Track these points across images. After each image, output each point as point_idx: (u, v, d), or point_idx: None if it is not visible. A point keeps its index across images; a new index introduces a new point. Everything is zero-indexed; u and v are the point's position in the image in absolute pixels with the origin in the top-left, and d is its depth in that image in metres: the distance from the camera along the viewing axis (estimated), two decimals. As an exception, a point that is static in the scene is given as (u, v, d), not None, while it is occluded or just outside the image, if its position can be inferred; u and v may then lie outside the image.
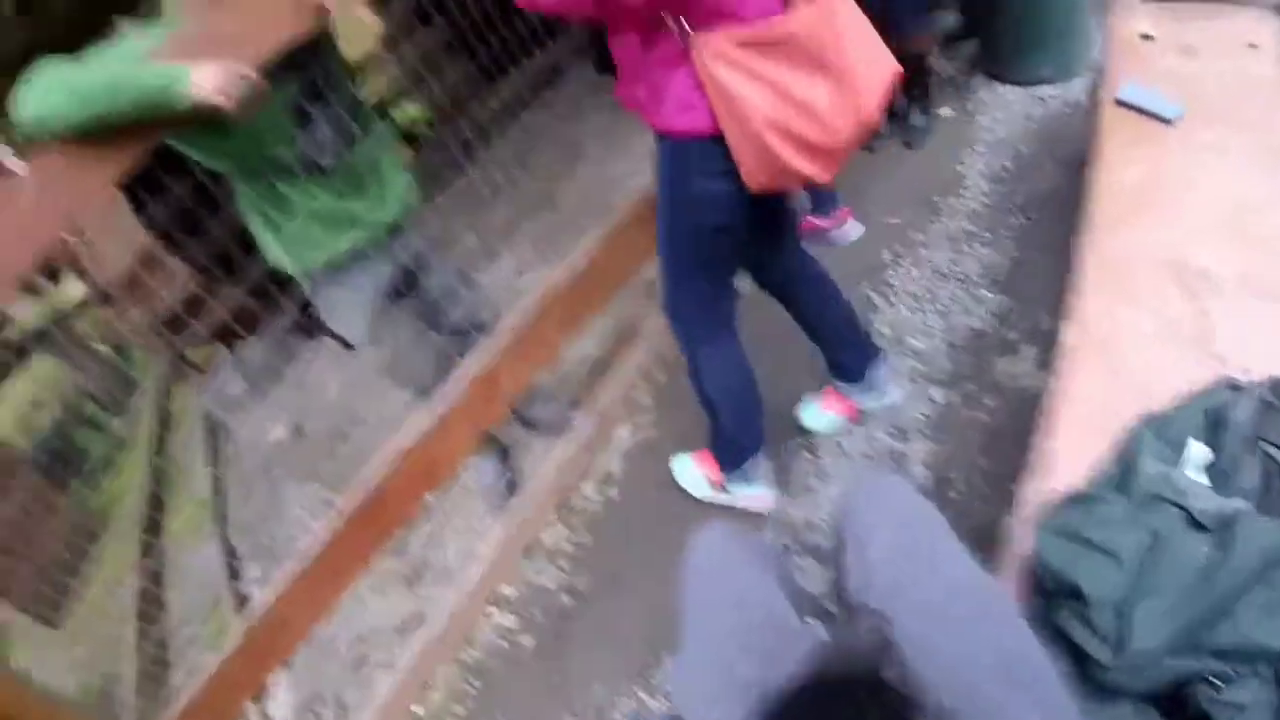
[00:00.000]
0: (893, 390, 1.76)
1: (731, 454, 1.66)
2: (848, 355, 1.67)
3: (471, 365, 1.73)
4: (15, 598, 3.29)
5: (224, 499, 3.11)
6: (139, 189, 1.49)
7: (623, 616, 1.70)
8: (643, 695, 1.55)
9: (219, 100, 1.14)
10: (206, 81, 1.13)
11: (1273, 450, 0.91)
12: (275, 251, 1.55)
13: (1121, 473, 0.94)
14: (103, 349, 4.78)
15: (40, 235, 1.14)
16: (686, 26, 1.06)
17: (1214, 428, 0.96)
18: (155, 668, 2.16)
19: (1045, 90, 2.48)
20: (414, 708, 1.78)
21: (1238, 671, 0.75)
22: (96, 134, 1.11)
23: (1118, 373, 1.06)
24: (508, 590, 1.87)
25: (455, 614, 1.81)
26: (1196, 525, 0.82)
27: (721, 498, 1.76)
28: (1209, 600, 0.76)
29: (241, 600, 2.43)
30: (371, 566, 1.94)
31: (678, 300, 1.44)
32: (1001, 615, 0.68)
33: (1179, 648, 0.76)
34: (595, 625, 1.72)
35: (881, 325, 1.99)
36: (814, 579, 1.55)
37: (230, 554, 2.78)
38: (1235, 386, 0.97)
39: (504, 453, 2.10)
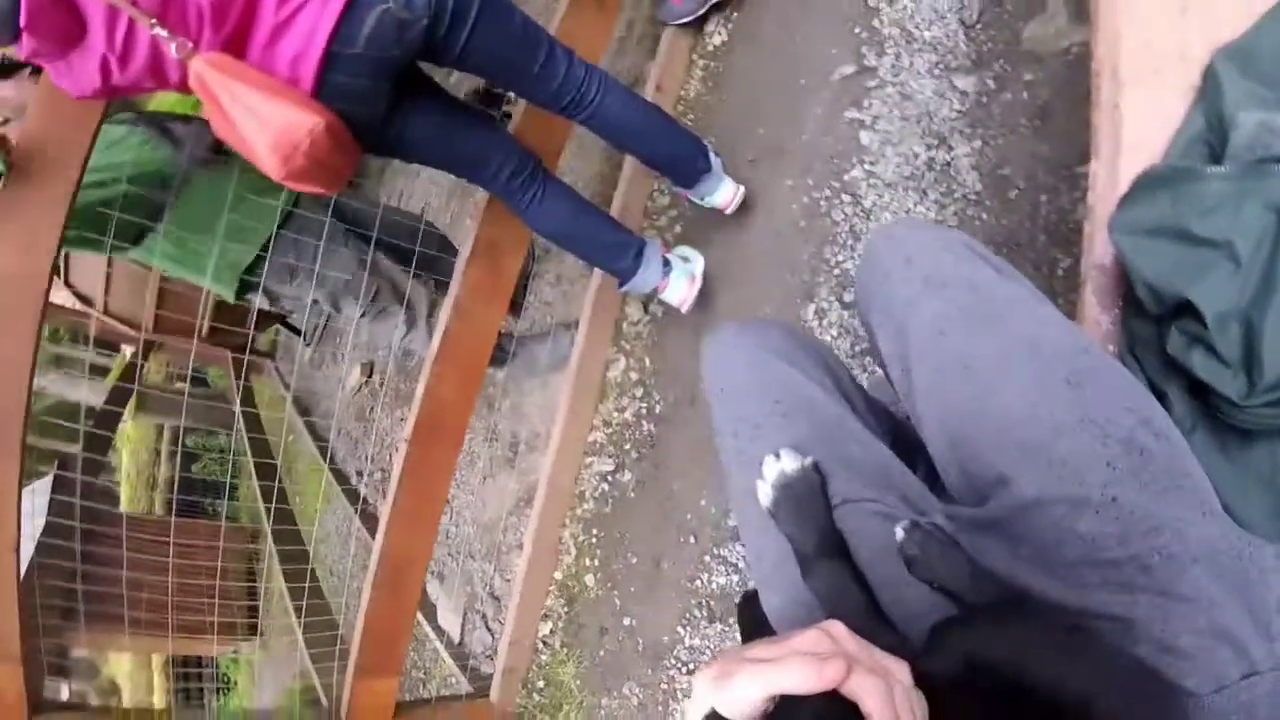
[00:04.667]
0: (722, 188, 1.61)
1: (616, 269, 1.55)
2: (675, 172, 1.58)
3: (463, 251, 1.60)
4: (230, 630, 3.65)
5: (334, 458, 3.27)
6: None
7: (706, 426, 1.65)
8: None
9: None
10: None
11: None
12: (226, 264, 1.65)
13: (1209, 132, 0.72)
14: (178, 385, 5.01)
15: None
16: None
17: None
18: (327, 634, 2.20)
19: None
20: (555, 574, 1.85)
21: None
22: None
23: (1180, 4, 0.79)
24: (597, 436, 1.86)
25: (558, 476, 1.82)
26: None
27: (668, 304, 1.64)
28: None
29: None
30: (464, 465, 1.94)
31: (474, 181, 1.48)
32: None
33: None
34: (684, 444, 1.68)
35: (886, 26, 1.71)
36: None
37: (363, 503, 2.94)
38: None
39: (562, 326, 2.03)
